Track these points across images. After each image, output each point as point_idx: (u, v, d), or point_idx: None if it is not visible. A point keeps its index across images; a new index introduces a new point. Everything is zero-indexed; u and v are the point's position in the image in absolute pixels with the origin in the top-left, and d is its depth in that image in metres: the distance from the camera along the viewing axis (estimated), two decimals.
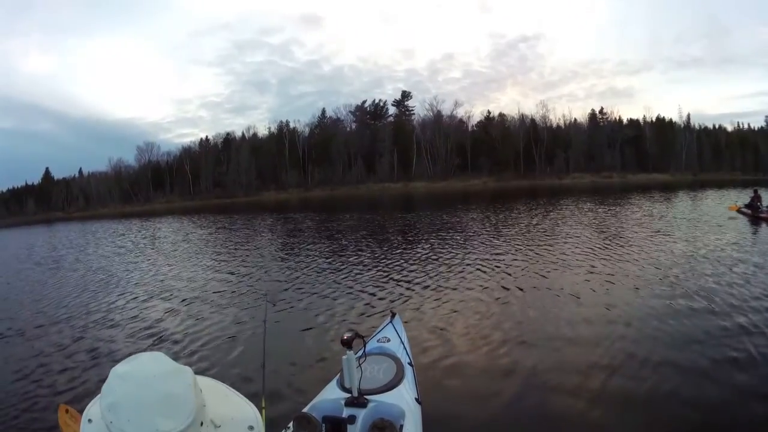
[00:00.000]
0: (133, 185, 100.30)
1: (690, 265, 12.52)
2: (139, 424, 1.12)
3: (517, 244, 17.00)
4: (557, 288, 10.82)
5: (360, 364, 3.93)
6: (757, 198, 22.02)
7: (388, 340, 5.17)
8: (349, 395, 3.88)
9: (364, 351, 4.21)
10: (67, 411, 4.85)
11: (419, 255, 15.82)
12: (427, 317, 9.18)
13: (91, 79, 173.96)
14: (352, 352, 3.85)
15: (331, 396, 4.05)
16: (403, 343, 5.16)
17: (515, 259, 14.28)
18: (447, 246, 17.26)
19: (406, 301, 10.45)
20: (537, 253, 15.01)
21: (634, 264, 12.83)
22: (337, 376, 4.27)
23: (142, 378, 1.17)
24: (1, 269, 21.42)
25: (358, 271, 13.91)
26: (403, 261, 14.99)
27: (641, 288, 10.36)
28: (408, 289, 11.45)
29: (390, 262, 15.03)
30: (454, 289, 11.21)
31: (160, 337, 9.02)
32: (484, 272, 12.74)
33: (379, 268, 14.23)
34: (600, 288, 10.61)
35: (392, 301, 10.34)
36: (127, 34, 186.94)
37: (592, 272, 12.15)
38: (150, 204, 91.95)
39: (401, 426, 3.61)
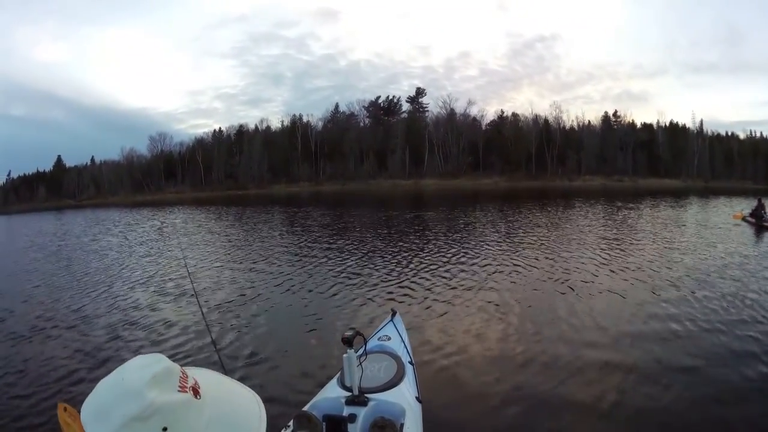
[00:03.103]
0: (145, 175, 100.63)
1: (692, 270, 12.66)
2: (84, 413, 1.11)
3: (524, 246, 16.97)
4: (562, 290, 10.87)
5: (360, 363, 3.94)
6: (761, 207, 22.16)
7: (389, 339, 5.16)
8: (349, 394, 3.89)
9: (364, 349, 4.22)
10: (65, 409, 4.87)
11: (423, 254, 15.85)
12: (427, 316, 9.23)
13: (105, 68, 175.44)
14: (352, 350, 3.86)
15: (331, 394, 4.06)
16: (403, 342, 5.16)
17: (521, 261, 14.26)
18: (451, 245, 17.25)
19: (407, 299, 10.48)
20: (543, 256, 14.99)
21: (640, 270, 12.78)
22: (338, 374, 4.28)
23: (113, 379, 1.12)
24: (7, 259, 21.55)
25: (360, 269, 13.98)
26: (406, 259, 15.05)
27: (642, 294, 10.35)
28: (409, 287, 11.48)
29: (393, 259, 15.11)
30: (456, 288, 11.25)
31: (160, 335, 8.96)
32: (488, 272, 12.78)
33: (382, 265, 14.31)
34: (606, 290, 10.62)
35: (393, 300, 10.36)
36: (141, 24, 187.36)
37: (596, 276, 12.15)
38: (161, 194, 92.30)
39: (402, 425, 3.61)
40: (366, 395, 3.90)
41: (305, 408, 3.81)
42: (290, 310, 10.34)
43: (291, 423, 3.43)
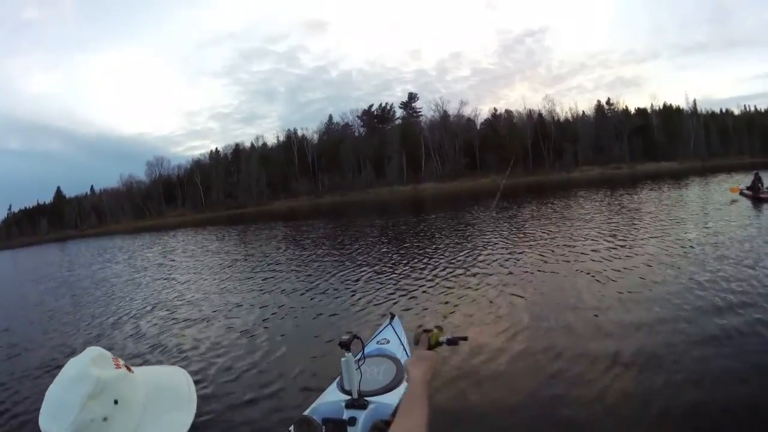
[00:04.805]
0: (145, 200, 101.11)
1: (706, 245, 12.82)
2: (41, 420, 1.10)
3: (523, 245, 16.72)
4: (564, 288, 10.61)
5: (359, 366, 3.94)
6: (757, 179, 22.62)
7: (388, 342, 5.14)
8: (349, 397, 3.88)
9: (363, 353, 4.24)
10: None
11: (421, 257, 15.77)
12: (426, 318, 9.13)
13: (98, 95, 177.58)
14: (350, 354, 3.86)
15: (331, 398, 4.08)
16: (402, 345, 5.09)
17: (520, 260, 14.06)
18: (449, 248, 17.08)
19: (405, 302, 10.44)
20: (545, 253, 14.70)
21: (639, 256, 12.66)
22: (337, 378, 4.29)
23: (58, 378, 1.14)
24: (16, 293, 21.61)
25: (358, 274, 14.01)
26: (404, 263, 15.00)
27: (645, 278, 10.29)
28: (409, 290, 11.42)
29: (391, 264, 15.09)
30: (455, 290, 11.12)
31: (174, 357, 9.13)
32: (487, 274, 12.51)
33: (379, 270, 14.33)
34: (610, 285, 10.31)
35: (393, 303, 10.37)
36: (131, 49, 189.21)
37: (600, 269, 11.71)
38: (162, 218, 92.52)
39: None
40: (365, 398, 3.89)
41: (306, 412, 3.84)
42: (289, 316, 10.44)
43: (292, 428, 3.45)
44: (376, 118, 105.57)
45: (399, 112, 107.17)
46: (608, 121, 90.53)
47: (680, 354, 6.31)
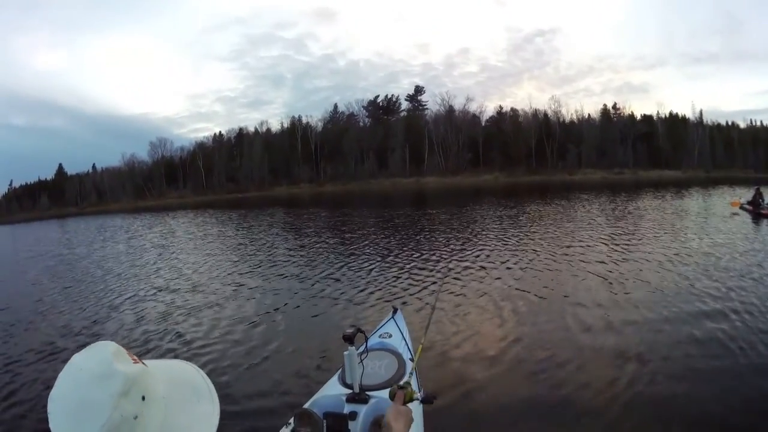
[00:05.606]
0: (147, 180, 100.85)
1: (710, 257, 12.86)
2: (56, 423, 1.03)
3: (525, 244, 16.75)
4: (565, 288, 10.70)
5: (361, 360, 3.89)
6: (758, 194, 22.74)
7: (390, 336, 5.11)
8: (350, 391, 3.83)
9: (365, 347, 4.10)
10: None
11: (423, 251, 15.80)
12: (428, 313, 9.10)
13: (104, 74, 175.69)
14: (353, 347, 3.83)
15: (332, 392, 4.04)
16: (404, 339, 5.09)
17: (522, 259, 14.08)
18: (453, 243, 17.15)
19: (407, 296, 10.44)
20: (546, 252, 14.82)
21: (640, 262, 12.72)
22: (339, 371, 4.27)
23: (71, 376, 1.07)
24: (16, 270, 21.43)
25: (361, 267, 13.97)
26: (406, 257, 15.01)
27: (641, 289, 10.32)
28: (410, 284, 11.43)
29: (394, 258, 15.06)
30: (457, 285, 11.11)
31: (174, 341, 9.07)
32: (490, 270, 12.63)
33: (382, 263, 14.30)
34: (609, 291, 10.28)
35: (396, 297, 10.35)
36: (139, 29, 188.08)
37: (601, 273, 11.79)
38: (163, 199, 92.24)
39: None
40: (367, 393, 3.83)
41: (306, 405, 3.80)
42: (291, 308, 10.38)
43: (292, 420, 3.44)
44: (382, 109, 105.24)
45: (405, 105, 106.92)
46: (613, 126, 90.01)
47: (683, 358, 6.42)
